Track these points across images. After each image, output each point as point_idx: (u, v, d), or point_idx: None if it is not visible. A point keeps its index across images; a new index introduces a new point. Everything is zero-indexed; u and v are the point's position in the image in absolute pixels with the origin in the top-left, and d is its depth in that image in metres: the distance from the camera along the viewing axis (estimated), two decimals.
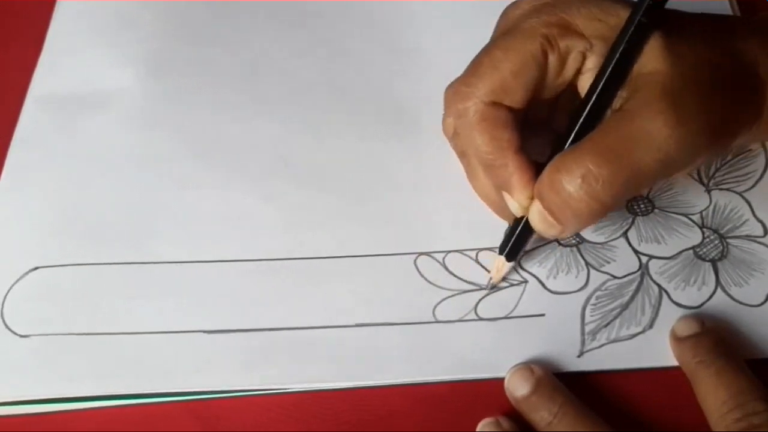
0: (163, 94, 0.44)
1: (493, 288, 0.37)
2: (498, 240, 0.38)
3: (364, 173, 0.41)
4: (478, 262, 0.38)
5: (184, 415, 0.34)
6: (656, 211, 0.39)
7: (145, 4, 0.48)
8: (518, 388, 0.34)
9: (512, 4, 0.35)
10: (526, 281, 0.37)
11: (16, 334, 0.36)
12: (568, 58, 0.33)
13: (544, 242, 0.38)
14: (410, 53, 0.45)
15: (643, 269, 0.37)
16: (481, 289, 0.37)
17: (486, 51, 0.34)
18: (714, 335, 0.34)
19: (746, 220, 0.39)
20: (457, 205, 0.40)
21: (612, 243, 0.38)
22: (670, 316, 0.36)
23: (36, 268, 0.38)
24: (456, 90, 0.34)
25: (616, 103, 0.33)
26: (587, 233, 0.39)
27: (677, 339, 0.35)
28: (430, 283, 0.37)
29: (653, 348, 0.35)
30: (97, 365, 0.35)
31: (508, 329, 0.36)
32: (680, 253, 0.38)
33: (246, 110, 0.44)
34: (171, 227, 0.39)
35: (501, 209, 0.36)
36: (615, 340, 0.35)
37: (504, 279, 0.37)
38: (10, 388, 0.35)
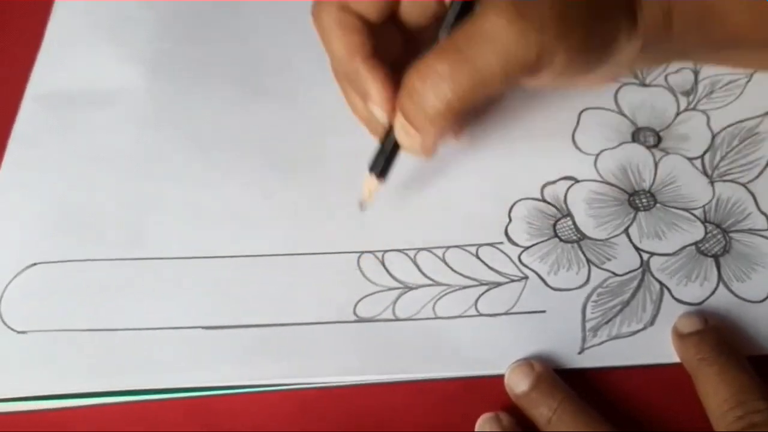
0: (162, 91, 0.44)
1: (364, 210, 0.37)
2: (499, 235, 0.38)
3: (366, 171, 0.41)
4: (479, 258, 0.38)
5: (183, 413, 0.34)
6: (658, 206, 0.39)
7: (143, 3, 0.49)
8: (518, 384, 0.33)
9: None
10: (526, 277, 0.37)
11: (13, 330, 0.36)
12: None
13: (545, 238, 0.38)
14: None
15: (645, 266, 0.37)
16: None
17: None
18: (717, 332, 0.34)
19: (749, 213, 0.38)
20: (456, 201, 0.39)
21: (613, 240, 0.38)
22: (671, 313, 0.35)
23: (34, 264, 0.38)
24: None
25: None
26: (588, 230, 0.38)
27: (680, 336, 0.34)
28: (430, 278, 0.37)
29: (654, 345, 0.35)
30: (95, 361, 0.35)
31: (509, 325, 0.36)
32: (682, 249, 0.38)
33: (246, 108, 0.44)
34: (169, 223, 0.39)
35: (371, 124, 0.38)
36: (616, 337, 0.35)
37: (502, 274, 0.37)
38: (7, 384, 0.35)
